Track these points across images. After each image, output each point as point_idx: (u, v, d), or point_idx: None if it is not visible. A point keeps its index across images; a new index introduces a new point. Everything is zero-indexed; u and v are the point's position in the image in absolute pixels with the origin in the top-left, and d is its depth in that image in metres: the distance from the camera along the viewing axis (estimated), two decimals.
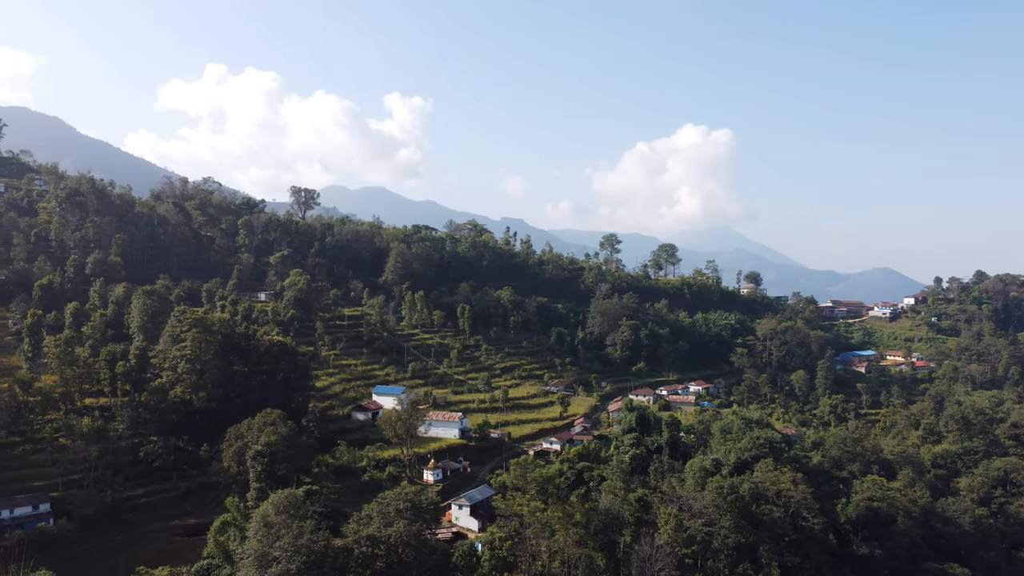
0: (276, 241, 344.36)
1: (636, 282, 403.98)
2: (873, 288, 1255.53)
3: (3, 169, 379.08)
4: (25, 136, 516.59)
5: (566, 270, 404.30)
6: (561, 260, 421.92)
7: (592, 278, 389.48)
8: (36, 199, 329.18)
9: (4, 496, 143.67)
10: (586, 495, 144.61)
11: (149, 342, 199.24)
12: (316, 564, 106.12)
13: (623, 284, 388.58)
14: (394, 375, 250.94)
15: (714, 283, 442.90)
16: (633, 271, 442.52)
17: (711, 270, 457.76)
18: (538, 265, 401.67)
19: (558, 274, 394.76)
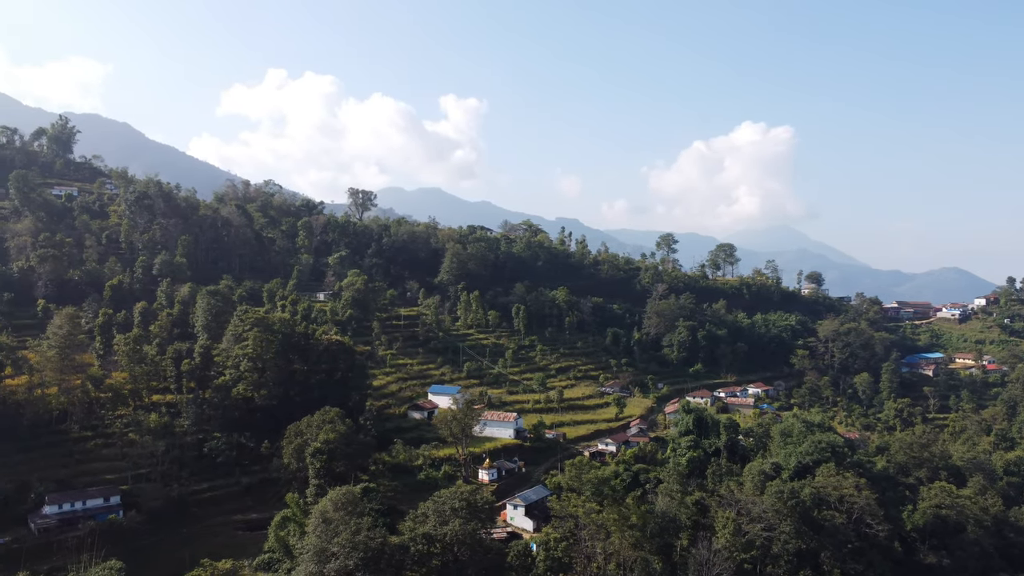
0: (334, 242, 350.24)
1: (693, 282, 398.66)
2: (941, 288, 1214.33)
3: (77, 174, 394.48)
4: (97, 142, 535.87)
5: (622, 270, 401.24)
6: (617, 260, 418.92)
7: (648, 278, 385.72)
8: (107, 202, 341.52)
9: (77, 488, 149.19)
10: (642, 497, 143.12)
11: (213, 341, 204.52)
12: (373, 560, 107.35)
13: (680, 284, 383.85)
14: (449, 375, 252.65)
15: (774, 283, 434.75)
16: (690, 271, 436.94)
17: (771, 270, 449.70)
18: (593, 265, 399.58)
19: (613, 274, 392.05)
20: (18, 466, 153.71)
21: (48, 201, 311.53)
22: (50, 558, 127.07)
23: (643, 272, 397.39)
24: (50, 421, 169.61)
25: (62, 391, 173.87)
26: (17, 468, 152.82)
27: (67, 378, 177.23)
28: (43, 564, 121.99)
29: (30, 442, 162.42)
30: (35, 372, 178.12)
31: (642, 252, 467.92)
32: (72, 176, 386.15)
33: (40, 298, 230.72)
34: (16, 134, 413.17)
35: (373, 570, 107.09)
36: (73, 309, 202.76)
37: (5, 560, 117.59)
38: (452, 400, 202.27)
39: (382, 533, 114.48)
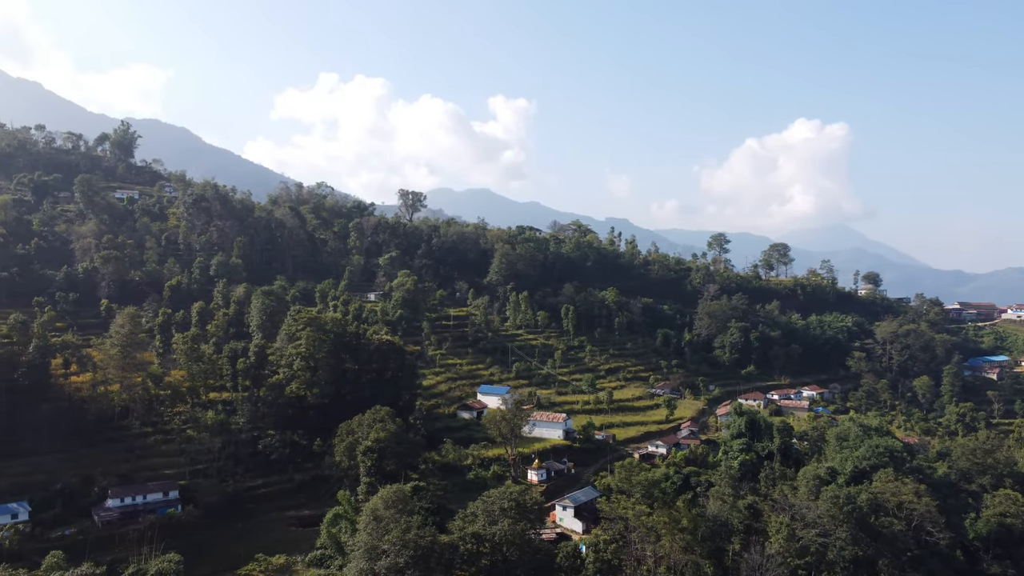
0: (385, 243, 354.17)
1: (746, 283, 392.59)
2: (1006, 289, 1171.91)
3: (138, 177, 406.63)
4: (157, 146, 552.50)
5: (672, 270, 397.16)
6: (667, 260, 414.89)
7: (699, 278, 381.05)
8: (166, 205, 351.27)
9: (138, 483, 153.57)
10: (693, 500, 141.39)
11: (267, 340, 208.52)
12: (423, 559, 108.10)
13: (732, 285, 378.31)
14: (498, 375, 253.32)
15: (829, 284, 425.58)
16: (742, 271, 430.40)
17: (826, 270, 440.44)
18: (643, 265, 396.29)
19: (664, 275, 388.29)
20: (82, 460, 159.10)
21: (111, 204, 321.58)
22: (112, 550, 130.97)
23: (694, 272, 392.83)
24: (112, 417, 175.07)
25: (124, 388, 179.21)
26: (81, 462, 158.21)
27: (129, 376, 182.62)
28: (106, 556, 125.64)
29: (94, 437, 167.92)
30: (99, 370, 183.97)
31: (693, 252, 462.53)
32: (133, 180, 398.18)
33: (103, 298, 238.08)
34: (81, 139, 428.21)
35: (423, 568, 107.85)
36: (134, 309, 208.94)
37: (71, 551, 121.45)
38: (501, 400, 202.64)
39: (432, 532, 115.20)
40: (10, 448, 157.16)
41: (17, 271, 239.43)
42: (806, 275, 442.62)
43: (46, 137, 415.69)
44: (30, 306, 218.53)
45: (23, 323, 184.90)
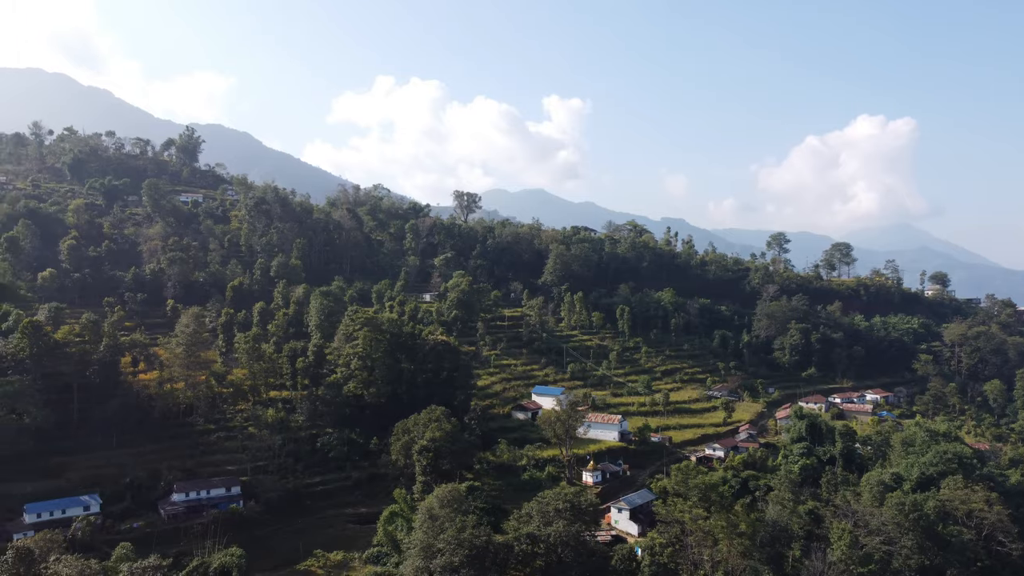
0: (440, 244, 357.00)
1: (806, 283, 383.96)
2: None
3: (201, 181, 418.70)
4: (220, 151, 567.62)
5: (730, 271, 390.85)
6: (724, 260, 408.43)
7: (758, 279, 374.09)
8: (229, 208, 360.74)
9: (202, 478, 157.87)
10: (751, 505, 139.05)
11: (325, 340, 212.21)
12: (478, 558, 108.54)
13: (792, 285, 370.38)
14: (553, 376, 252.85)
15: (894, 284, 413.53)
16: (803, 272, 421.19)
17: (890, 270, 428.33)
18: (700, 266, 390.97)
19: (721, 275, 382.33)
20: (149, 455, 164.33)
21: (176, 207, 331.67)
22: (178, 543, 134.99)
23: (752, 273, 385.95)
24: (178, 414, 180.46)
25: (188, 386, 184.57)
26: (149, 457, 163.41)
27: (193, 374, 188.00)
28: (171, 548, 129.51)
29: (160, 433, 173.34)
30: (165, 368, 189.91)
31: (751, 252, 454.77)
32: (198, 183, 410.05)
33: (169, 298, 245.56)
34: (148, 145, 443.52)
35: (478, 567, 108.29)
36: (198, 309, 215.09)
37: (138, 543, 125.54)
38: (556, 401, 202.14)
39: (487, 531, 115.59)
40: (83, 443, 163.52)
41: (89, 272, 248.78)
42: (869, 275, 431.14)
43: (116, 143, 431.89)
44: (101, 306, 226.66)
45: (95, 322, 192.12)
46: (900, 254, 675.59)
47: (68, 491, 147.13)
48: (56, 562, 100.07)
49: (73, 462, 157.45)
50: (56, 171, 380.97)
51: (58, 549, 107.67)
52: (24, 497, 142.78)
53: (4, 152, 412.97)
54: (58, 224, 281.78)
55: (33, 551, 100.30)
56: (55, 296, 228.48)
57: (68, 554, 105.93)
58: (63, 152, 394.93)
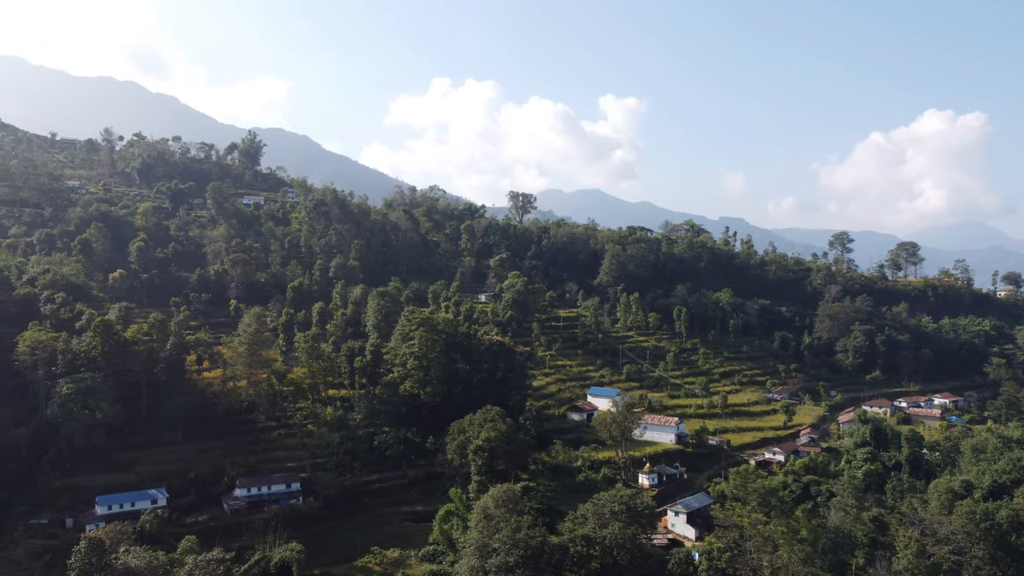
0: (495, 244, 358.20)
1: (870, 284, 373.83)
2: None
3: (263, 184, 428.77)
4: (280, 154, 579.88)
5: (790, 271, 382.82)
6: (785, 260, 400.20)
7: (820, 279, 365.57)
8: (289, 210, 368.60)
9: (263, 474, 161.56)
10: (813, 511, 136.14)
11: (382, 339, 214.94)
12: (533, 559, 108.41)
13: (855, 286, 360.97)
14: (609, 377, 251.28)
15: (963, 285, 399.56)
16: (867, 272, 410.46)
17: (960, 270, 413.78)
18: (759, 266, 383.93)
19: (781, 275, 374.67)
20: (213, 451, 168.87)
21: (239, 210, 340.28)
22: (240, 537, 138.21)
23: (814, 273, 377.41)
24: (240, 411, 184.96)
25: (250, 384, 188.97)
26: (212, 453, 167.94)
27: (255, 372, 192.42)
28: (234, 542, 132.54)
29: (223, 430, 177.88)
30: (228, 366, 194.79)
31: (813, 252, 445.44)
32: (259, 186, 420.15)
33: (232, 298, 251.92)
34: (212, 149, 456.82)
35: (533, 568, 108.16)
36: (260, 309, 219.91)
37: (203, 536, 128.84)
38: (611, 402, 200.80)
39: (542, 532, 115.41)
40: (151, 438, 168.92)
41: (156, 273, 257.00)
42: (938, 275, 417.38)
43: (182, 148, 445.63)
44: (168, 306, 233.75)
45: (162, 322, 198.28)
46: (971, 254, 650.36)
47: (137, 485, 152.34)
48: (125, 553, 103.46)
49: (141, 456, 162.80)
50: (126, 175, 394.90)
51: (127, 540, 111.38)
52: (96, 489, 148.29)
53: (78, 158, 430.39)
54: (128, 226, 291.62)
55: (104, 542, 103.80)
56: (125, 296, 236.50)
57: (137, 545, 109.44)
58: (132, 157, 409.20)
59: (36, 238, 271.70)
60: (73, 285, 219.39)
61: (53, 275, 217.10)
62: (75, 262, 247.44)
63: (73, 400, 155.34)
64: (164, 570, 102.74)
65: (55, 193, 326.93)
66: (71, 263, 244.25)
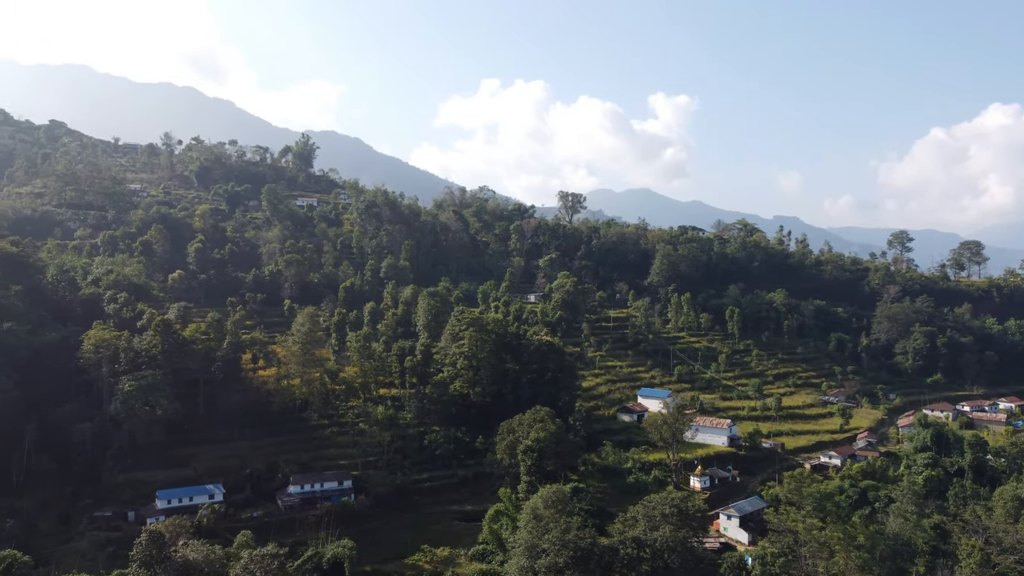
0: (545, 245, 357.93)
1: (931, 284, 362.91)
2: None
3: (316, 186, 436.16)
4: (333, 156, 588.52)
5: (847, 271, 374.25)
6: (841, 260, 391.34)
7: (878, 279, 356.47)
8: (341, 211, 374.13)
9: (316, 471, 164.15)
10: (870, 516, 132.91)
11: (432, 339, 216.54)
12: (583, 560, 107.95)
13: (915, 286, 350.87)
14: (659, 378, 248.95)
15: None
16: (928, 272, 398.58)
17: None
18: (815, 266, 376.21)
19: (838, 275, 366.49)
20: (268, 448, 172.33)
21: (293, 211, 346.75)
22: (293, 532, 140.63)
23: (872, 273, 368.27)
24: (294, 409, 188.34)
25: (304, 382, 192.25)
26: (267, 450, 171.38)
27: (308, 371, 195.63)
28: (287, 537, 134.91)
29: (278, 427, 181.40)
30: (282, 365, 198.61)
31: (871, 251, 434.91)
32: (312, 188, 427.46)
33: (286, 298, 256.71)
34: (267, 152, 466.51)
35: (582, 569, 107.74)
36: (313, 309, 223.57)
37: (257, 531, 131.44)
38: (662, 404, 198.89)
39: (591, 533, 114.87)
40: (208, 435, 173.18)
41: (213, 273, 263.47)
42: (1003, 275, 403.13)
43: (238, 151, 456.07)
44: (224, 305, 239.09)
45: (219, 321, 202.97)
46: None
47: (194, 480, 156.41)
48: (184, 546, 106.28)
49: (199, 452, 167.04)
50: (184, 179, 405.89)
51: (186, 534, 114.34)
52: (156, 484, 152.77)
53: (139, 162, 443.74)
54: (186, 228, 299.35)
55: (164, 535, 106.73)
56: (183, 296, 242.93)
57: (194, 539, 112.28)
58: (191, 161, 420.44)
59: (100, 240, 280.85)
60: (135, 285, 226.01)
61: (116, 276, 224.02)
62: (137, 263, 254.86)
63: (135, 397, 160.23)
64: (220, 564, 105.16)
65: (118, 196, 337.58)
66: (133, 264, 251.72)
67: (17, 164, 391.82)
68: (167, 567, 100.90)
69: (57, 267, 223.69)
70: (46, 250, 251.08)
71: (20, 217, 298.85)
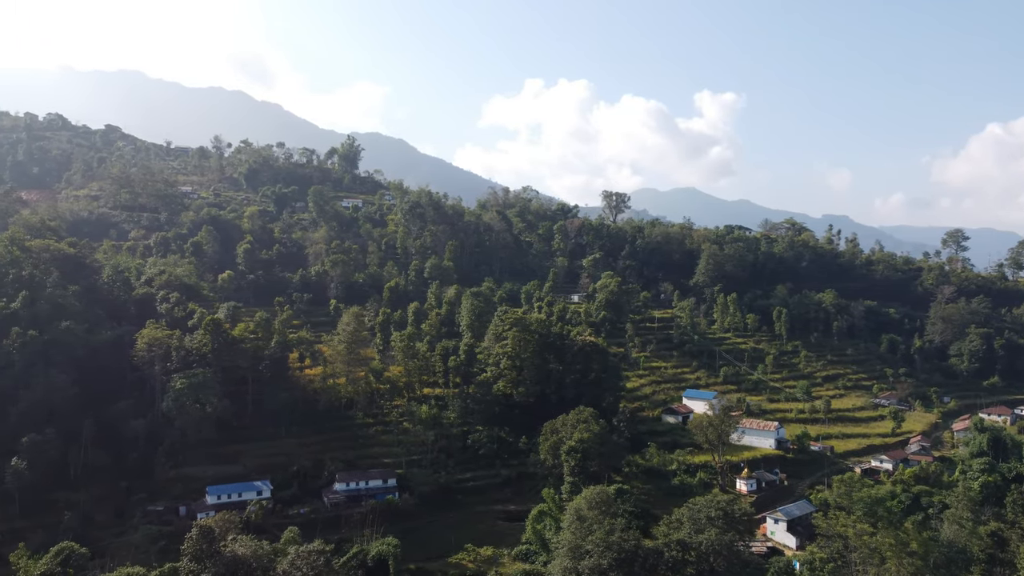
0: (588, 245, 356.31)
1: (988, 284, 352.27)
2: None
3: (361, 187, 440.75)
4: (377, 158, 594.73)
5: (899, 271, 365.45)
6: (893, 260, 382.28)
7: (932, 279, 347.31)
8: (386, 212, 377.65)
9: (361, 469, 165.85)
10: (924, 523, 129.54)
11: (476, 339, 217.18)
12: (627, 562, 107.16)
13: (971, 286, 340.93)
14: (705, 379, 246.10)
15: None
16: (984, 271, 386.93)
17: None
18: (865, 265, 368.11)
19: (889, 275, 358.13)
20: (314, 446, 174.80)
21: (338, 212, 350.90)
22: (339, 529, 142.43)
23: (925, 273, 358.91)
24: (340, 407, 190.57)
25: (349, 381, 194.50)
26: (313, 448, 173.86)
27: (353, 370, 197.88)
28: (333, 534, 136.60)
29: (324, 425, 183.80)
30: (328, 364, 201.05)
31: (924, 251, 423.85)
32: (357, 189, 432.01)
33: (332, 298, 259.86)
34: (313, 154, 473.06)
35: (626, 571, 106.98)
36: (358, 308, 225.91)
37: (304, 528, 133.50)
38: (708, 405, 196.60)
39: (635, 535, 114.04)
40: (256, 432, 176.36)
41: (261, 274, 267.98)
42: None
43: (285, 153, 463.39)
44: (272, 305, 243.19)
45: (267, 320, 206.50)
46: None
47: (243, 476, 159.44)
48: (233, 541, 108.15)
49: (248, 449, 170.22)
50: (234, 181, 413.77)
51: (235, 529, 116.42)
52: (206, 480, 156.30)
53: (190, 165, 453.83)
54: (235, 229, 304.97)
55: (214, 530, 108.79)
56: (233, 296, 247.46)
57: (243, 534, 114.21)
58: (240, 163, 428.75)
59: (153, 241, 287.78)
60: (186, 285, 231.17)
61: (168, 276, 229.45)
62: (188, 263, 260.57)
63: (186, 394, 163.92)
64: (268, 559, 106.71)
65: (170, 198, 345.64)
66: (184, 264, 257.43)
67: (75, 168, 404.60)
68: (216, 561, 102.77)
69: (112, 268, 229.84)
70: (102, 251, 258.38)
71: (77, 219, 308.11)
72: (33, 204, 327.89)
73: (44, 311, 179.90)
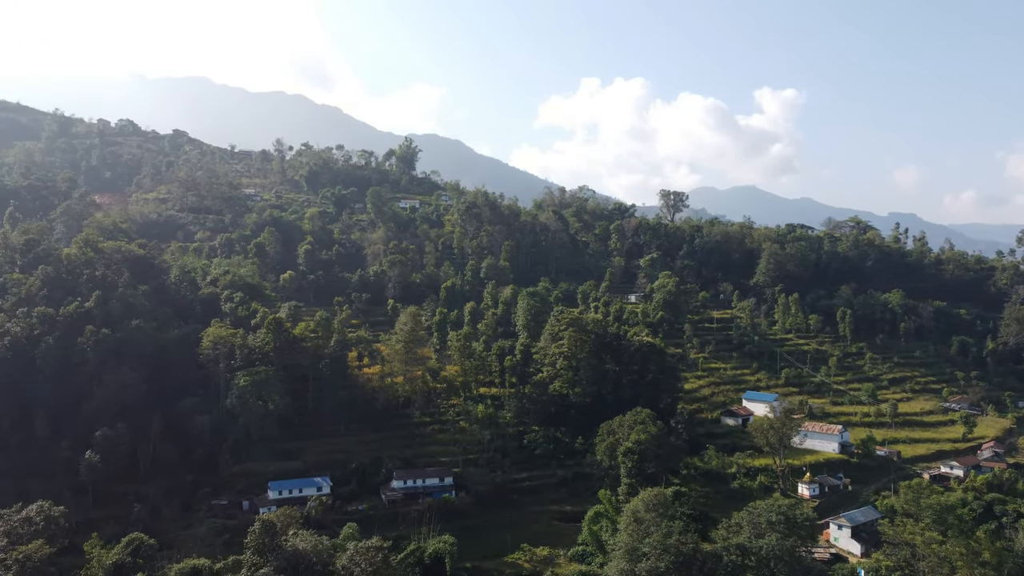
0: (645, 244, 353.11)
1: None
2: None
3: (418, 188, 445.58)
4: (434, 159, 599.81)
5: (971, 270, 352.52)
6: (964, 259, 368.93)
7: (1006, 279, 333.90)
8: (443, 213, 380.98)
9: (418, 467, 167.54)
10: (997, 532, 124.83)
11: (532, 339, 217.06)
12: (684, 565, 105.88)
13: None
14: (765, 381, 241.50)
15: None
16: None
17: None
18: (934, 265, 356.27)
19: (960, 275, 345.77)
20: (372, 443, 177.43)
21: (396, 213, 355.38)
22: (396, 526, 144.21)
23: (999, 272, 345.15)
24: (397, 406, 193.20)
25: (407, 380, 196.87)
26: (371, 445, 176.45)
27: (410, 369, 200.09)
28: (391, 531, 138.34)
29: (382, 423, 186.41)
30: (386, 363, 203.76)
31: (997, 249, 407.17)
32: (414, 190, 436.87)
33: (390, 298, 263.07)
34: (372, 156, 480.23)
35: (684, 575, 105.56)
36: (415, 308, 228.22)
37: (362, 524, 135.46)
38: (769, 408, 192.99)
39: (694, 539, 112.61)
40: (316, 429, 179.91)
41: (321, 274, 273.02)
42: None
43: (344, 155, 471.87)
44: (331, 305, 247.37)
45: (326, 320, 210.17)
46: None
47: (304, 472, 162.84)
48: (294, 536, 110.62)
49: (308, 446, 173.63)
50: (295, 183, 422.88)
51: (295, 524, 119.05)
52: (268, 475, 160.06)
53: (253, 167, 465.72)
54: (296, 230, 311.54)
55: (276, 524, 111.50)
56: (294, 295, 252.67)
57: (303, 529, 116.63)
58: (300, 166, 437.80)
59: (218, 242, 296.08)
60: (249, 285, 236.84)
61: (232, 276, 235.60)
62: (251, 264, 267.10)
63: (249, 392, 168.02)
64: (327, 554, 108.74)
65: (234, 201, 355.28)
66: (247, 265, 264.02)
67: (144, 172, 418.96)
68: (278, 555, 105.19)
69: (179, 268, 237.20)
70: (169, 252, 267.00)
71: (147, 221, 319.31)
72: (105, 207, 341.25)
73: (116, 310, 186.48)
